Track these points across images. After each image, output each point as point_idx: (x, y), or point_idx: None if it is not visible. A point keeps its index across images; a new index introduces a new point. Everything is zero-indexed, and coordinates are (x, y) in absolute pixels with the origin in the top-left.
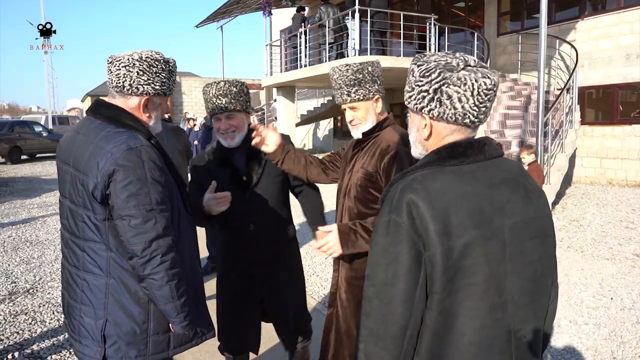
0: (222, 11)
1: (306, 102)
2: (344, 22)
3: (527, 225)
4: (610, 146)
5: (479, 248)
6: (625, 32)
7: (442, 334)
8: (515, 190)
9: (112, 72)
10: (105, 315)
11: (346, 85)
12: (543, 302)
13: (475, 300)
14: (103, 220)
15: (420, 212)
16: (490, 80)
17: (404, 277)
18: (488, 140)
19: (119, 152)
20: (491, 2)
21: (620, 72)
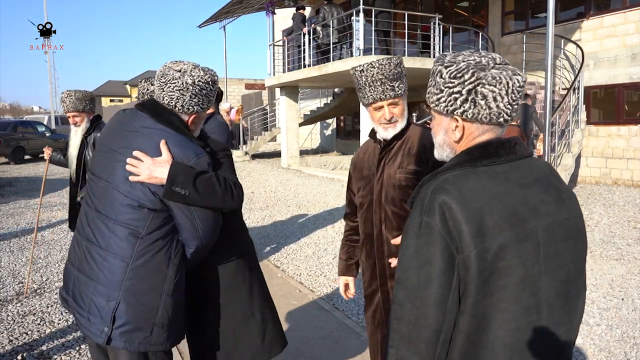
0: (225, 11)
1: (309, 102)
2: (347, 22)
3: (560, 226)
4: (615, 146)
5: (513, 249)
6: (631, 32)
7: (476, 338)
8: (548, 190)
9: (165, 91)
10: (118, 297)
11: (389, 80)
12: (574, 305)
13: (510, 302)
14: (150, 209)
15: (453, 214)
16: (520, 77)
17: (437, 280)
18: (518, 140)
19: (190, 160)
20: (495, 2)
21: (626, 72)
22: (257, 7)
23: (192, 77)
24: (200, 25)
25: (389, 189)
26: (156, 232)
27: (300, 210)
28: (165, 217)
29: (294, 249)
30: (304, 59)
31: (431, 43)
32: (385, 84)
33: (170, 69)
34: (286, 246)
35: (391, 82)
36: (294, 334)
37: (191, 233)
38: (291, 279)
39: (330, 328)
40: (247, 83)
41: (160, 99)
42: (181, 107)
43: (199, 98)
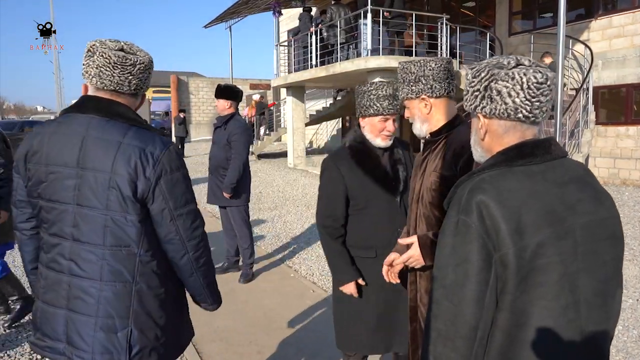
0: (231, 11)
1: (314, 102)
2: (355, 22)
3: (599, 225)
4: (624, 146)
5: (552, 247)
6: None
7: (515, 335)
8: (584, 189)
9: (134, 74)
10: (129, 324)
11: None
12: (611, 304)
13: (549, 299)
14: (140, 222)
15: (490, 213)
16: (541, 74)
17: (475, 278)
18: (554, 140)
19: (160, 152)
20: (502, 2)
21: (635, 72)
22: (263, 7)
23: (147, 56)
24: (206, 26)
25: (424, 190)
26: (152, 247)
27: (309, 210)
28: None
29: (305, 249)
30: (310, 59)
31: (438, 43)
32: (392, 100)
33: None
34: (297, 246)
35: (392, 98)
36: (310, 334)
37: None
38: (304, 278)
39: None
40: (251, 83)
41: (124, 84)
42: (145, 87)
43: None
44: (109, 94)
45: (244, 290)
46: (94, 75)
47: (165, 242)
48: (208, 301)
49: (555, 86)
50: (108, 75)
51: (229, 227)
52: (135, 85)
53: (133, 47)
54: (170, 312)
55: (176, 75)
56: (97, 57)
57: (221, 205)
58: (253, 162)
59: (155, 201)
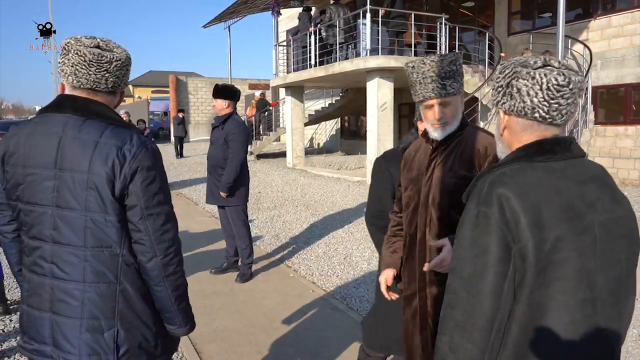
0: (230, 11)
1: (313, 102)
2: (354, 22)
3: (616, 223)
4: (623, 146)
5: (570, 242)
6: (638, 32)
7: (531, 328)
8: (603, 188)
9: (111, 72)
10: (115, 324)
11: (440, 77)
12: (624, 304)
13: (567, 294)
14: (119, 222)
15: (511, 205)
16: (564, 77)
17: (493, 269)
18: (573, 140)
19: (137, 149)
20: (501, 2)
21: (634, 72)
22: (262, 7)
23: (125, 52)
24: (205, 26)
25: (436, 192)
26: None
27: (308, 210)
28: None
29: (305, 248)
30: (309, 59)
31: (437, 43)
32: (436, 81)
33: (96, 49)
34: (296, 246)
35: (442, 79)
36: (310, 333)
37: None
38: (303, 278)
39: (346, 328)
40: (250, 83)
41: (100, 81)
42: (124, 84)
43: (129, 71)
44: (85, 92)
45: (244, 290)
46: (69, 74)
47: (134, 241)
48: (176, 320)
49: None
50: (84, 73)
51: (228, 227)
52: (112, 83)
53: (110, 44)
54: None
55: (175, 75)
56: (72, 55)
57: (220, 205)
58: (252, 162)
59: (128, 198)
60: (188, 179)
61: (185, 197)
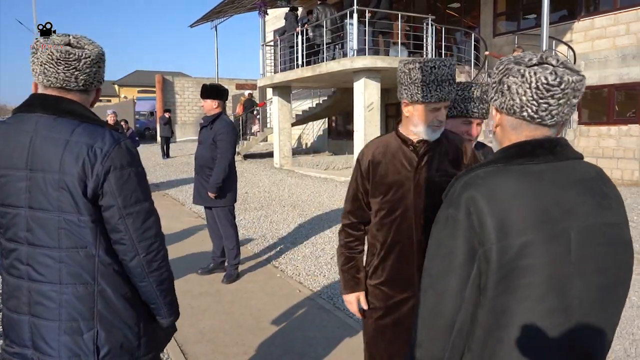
0: (217, 11)
1: (301, 102)
2: (341, 22)
3: (599, 230)
4: (606, 146)
5: (539, 249)
6: (621, 33)
7: (496, 333)
8: (589, 193)
9: (80, 69)
10: (95, 326)
11: (453, 82)
12: (611, 313)
13: (533, 301)
14: (93, 222)
15: (478, 208)
16: (555, 76)
17: (457, 271)
18: (563, 141)
19: (109, 147)
20: (487, 3)
21: (616, 73)
22: (249, 7)
23: (98, 47)
24: (192, 25)
25: (429, 193)
26: (111, 247)
27: (295, 210)
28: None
29: (292, 249)
30: (296, 59)
31: (424, 44)
32: (452, 85)
33: (66, 46)
34: (283, 246)
35: (451, 84)
36: (297, 334)
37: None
38: (290, 279)
39: (332, 328)
40: (237, 83)
41: (70, 80)
42: (97, 82)
43: (104, 67)
44: (56, 91)
45: (230, 290)
46: (39, 73)
47: (114, 242)
48: (162, 312)
49: (576, 91)
50: (53, 72)
51: (215, 227)
52: (83, 81)
53: (81, 41)
54: (141, 311)
55: (161, 75)
56: (40, 54)
57: (207, 205)
58: (239, 162)
59: (103, 198)
60: (174, 180)
61: (171, 198)
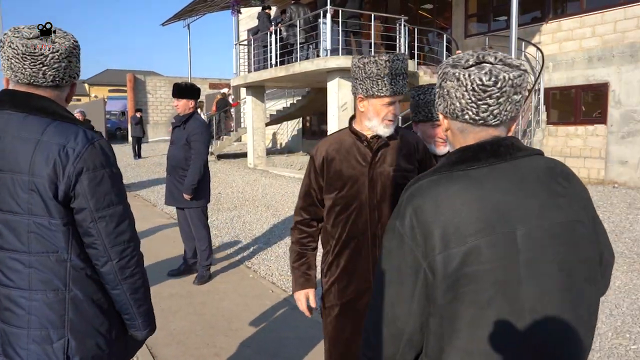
0: (190, 9)
1: (275, 101)
2: (315, 22)
3: (548, 230)
4: (573, 145)
5: (483, 255)
6: (587, 35)
7: (448, 340)
8: (535, 194)
9: (48, 64)
10: (66, 334)
11: (406, 76)
12: (579, 313)
13: (480, 308)
14: (65, 225)
15: (420, 220)
16: (489, 76)
17: (406, 282)
18: (508, 141)
19: (82, 148)
20: (459, 5)
21: (583, 74)
22: (222, 5)
23: (72, 38)
24: (164, 24)
25: (385, 188)
26: (83, 251)
27: (269, 211)
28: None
29: (265, 249)
30: (270, 58)
31: (397, 44)
32: (405, 79)
33: (34, 40)
34: (256, 247)
35: (404, 78)
36: (269, 334)
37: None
38: (263, 279)
39: (305, 327)
40: (211, 83)
41: (37, 75)
42: (69, 77)
43: (79, 60)
44: (25, 87)
45: (202, 292)
46: (7, 68)
47: (86, 246)
48: (136, 323)
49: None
50: (19, 67)
51: (187, 228)
52: (52, 77)
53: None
54: (114, 318)
55: (133, 73)
56: (6, 48)
57: (179, 206)
58: (212, 162)
59: (75, 200)
60: (146, 180)
61: (142, 199)
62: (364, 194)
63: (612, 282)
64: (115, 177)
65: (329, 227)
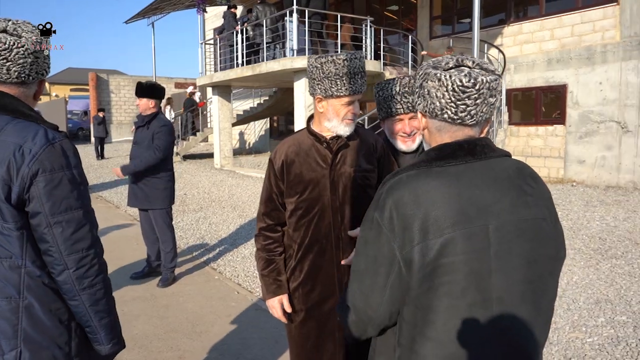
0: (154, 7)
1: (242, 101)
2: (281, 22)
3: (516, 226)
4: (534, 145)
5: (457, 247)
6: (546, 38)
7: (422, 329)
8: (506, 191)
9: (12, 60)
10: (19, 345)
11: (363, 74)
12: (540, 305)
13: (456, 297)
14: (19, 229)
15: (400, 212)
16: (469, 78)
17: (378, 271)
18: (483, 142)
19: (39, 148)
20: (424, 6)
21: (542, 76)
22: (188, 4)
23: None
24: (127, 21)
25: (347, 189)
26: (40, 257)
27: (235, 211)
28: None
29: (231, 250)
30: (236, 58)
31: (363, 45)
32: (364, 77)
33: (1, 33)
34: (222, 248)
35: (363, 77)
36: (234, 335)
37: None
38: (229, 280)
39: (270, 328)
40: (177, 82)
41: (1, 73)
42: (36, 74)
43: (49, 57)
44: None
45: (166, 294)
46: None
47: (42, 253)
48: (98, 337)
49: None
50: None
51: (149, 231)
52: (17, 73)
53: (20, 28)
54: (75, 330)
55: (95, 72)
56: None
57: (142, 208)
58: (178, 163)
59: (30, 204)
60: (109, 181)
61: (105, 200)
62: (326, 196)
63: (570, 278)
64: (74, 180)
65: (291, 231)
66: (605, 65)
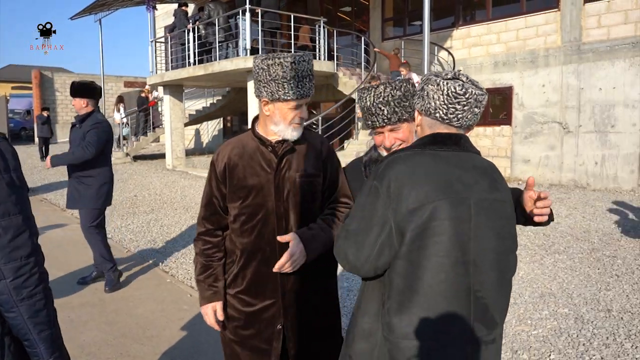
0: (101, 3)
1: (194, 101)
2: (234, 21)
3: (491, 204)
4: (483, 145)
5: (445, 212)
6: (493, 42)
7: (411, 282)
8: (483, 177)
9: None
10: None
11: (310, 77)
12: (504, 275)
13: (442, 256)
14: None
15: (399, 182)
16: (462, 87)
17: (374, 230)
18: (465, 138)
19: None
20: (376, 8)
21: (490, 78)
22: (137, 0)
23: None
24: (73, 17)
25: (291, 195)
26: None
27: (188, 213)
28: None
29: (183, 252)
30: (188, 57)
31: (317, 45)
32: (312, 81)
33: None
34: (174, 250)
35: (311, 80)
36: (186, 340)
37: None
38: (181, 283)
39: None
40: (126, 81)
41: None
42: None
43: None
44: None
45: (115, 299)
46: None
47: None
48: (37, 351)
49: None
50: None
51: None
52: None
53: None
54: (9, 344)
55: (39, 70)
56: None
57: (76, 208)
58: (128, 164)
59: None
60: (54, 183)
61: (50, 203)
62: (270, 202)
63: (517, 273)
64: (12, 184)
65: (234, 237)
66: (548, 68)
